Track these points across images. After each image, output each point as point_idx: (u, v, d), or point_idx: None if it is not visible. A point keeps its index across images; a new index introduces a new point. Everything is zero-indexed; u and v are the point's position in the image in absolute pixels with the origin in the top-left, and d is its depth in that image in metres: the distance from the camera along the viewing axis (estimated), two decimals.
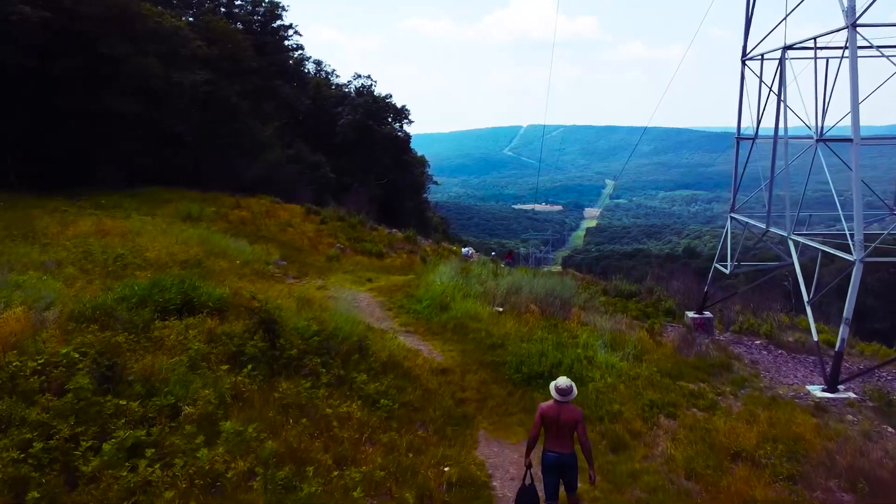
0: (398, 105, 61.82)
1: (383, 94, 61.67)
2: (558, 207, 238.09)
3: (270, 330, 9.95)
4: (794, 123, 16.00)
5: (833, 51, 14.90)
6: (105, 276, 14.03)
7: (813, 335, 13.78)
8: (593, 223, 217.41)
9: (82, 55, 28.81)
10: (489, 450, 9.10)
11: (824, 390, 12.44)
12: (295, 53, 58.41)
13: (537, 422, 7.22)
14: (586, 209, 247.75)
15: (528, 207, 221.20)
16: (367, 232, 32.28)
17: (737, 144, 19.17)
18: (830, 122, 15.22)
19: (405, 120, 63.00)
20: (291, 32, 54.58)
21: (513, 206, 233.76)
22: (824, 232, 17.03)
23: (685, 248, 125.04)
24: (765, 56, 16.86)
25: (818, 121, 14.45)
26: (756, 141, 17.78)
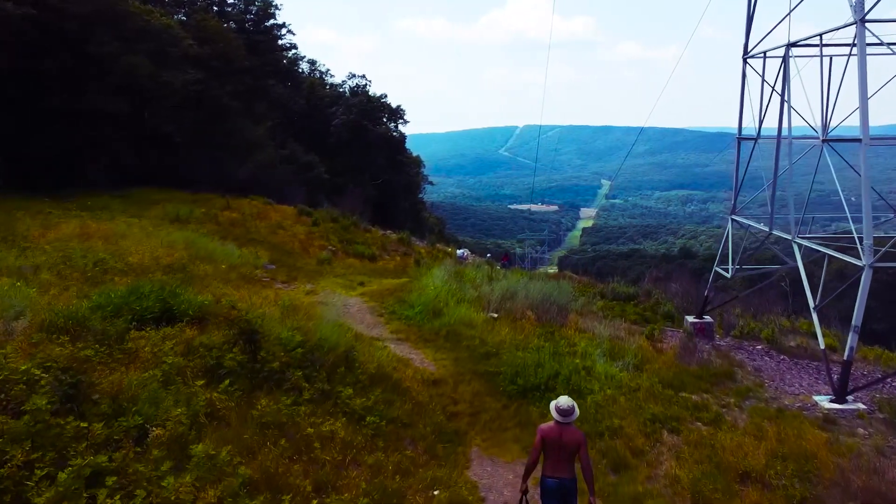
0: (393, 105, 61.37)
1: (378, 94, 61.24)
2: (554, 207, 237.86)
3: (251, 341, 9.41)
4: (797, 123, 15.57)
5: (838, 48, 14.42)
6: (83, 283, 13.45)
7: (820, 343, 13.30)
8: (589, 223, 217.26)
9: (70, 54, 28.25)
10: (482, 469, 8.57)
11: (832, 401, 11.95)
12: (289, 53, 57.94)
13: (537, 445, 6.72)
14: (582, 209, 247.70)
15: (525, 207, 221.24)
16: (361, 233, 31.75)
17: (738, 145, 18.69)
18: (833, 122, 14.79)
19: (400, 120, 62.63)
20: (285, 31, 54.09)
21: (509, 207, 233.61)
22: (829, 234, 16.55)
23: (681, 249, 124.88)
24: (767, 54, 16.37)
25: (823, 120, 13.95)
26: (758, 141, 17.28)
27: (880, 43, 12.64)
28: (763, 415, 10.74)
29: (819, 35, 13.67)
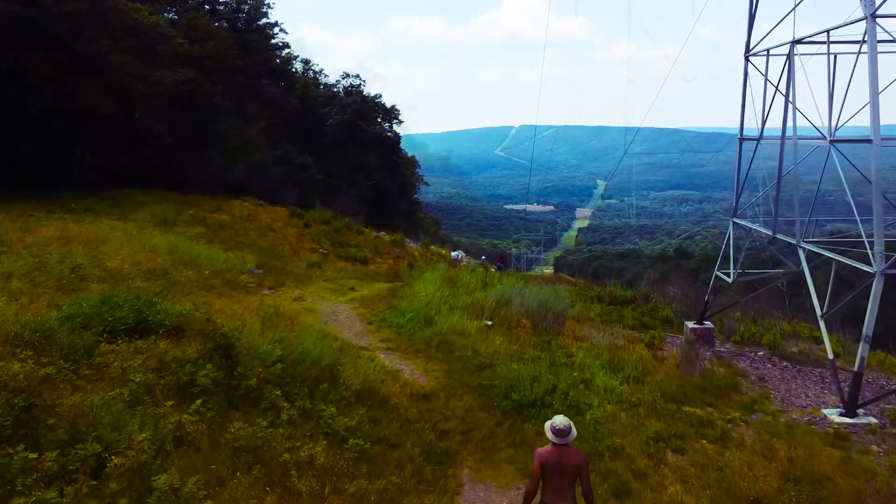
0: (387, 105, 60.77)
1: (373, 94, 60.64)
2: (550, 208, 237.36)
3: (227, 356, 8.82)
4: (801, 123, 15.02)
5: (845, 45, 13.88)
6: (57, 290, 12.81)
7: (828, 353, 12.74)
8: (585, 223, 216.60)
9: (56, 52, 27.55)
10: (474, 495, 7.98)
11: (842, 414, 11.41)
12: (282, 52, 57.23)
13: (536, 472, 6.16)
14: (578, 209, 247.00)
15: (520, 208, 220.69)
16: (353, 235, 31.13)
17: (739, 145, 18.16)
18: (837, 122, 14.25)
19: (394, 120, 61.96)
20: (277, 30, 53.40)
21: (504, 207, 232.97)
22: (835, 238, 16.00)
23: (677, 249, 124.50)
24: (770, 51, 15.83)
25: (830, 120, 13.40)
26: (760, 142, 16.74)
27: (892, 40, 12.11)
28: (771, 430, 10.19)
29: (826, 31, 13.12)
